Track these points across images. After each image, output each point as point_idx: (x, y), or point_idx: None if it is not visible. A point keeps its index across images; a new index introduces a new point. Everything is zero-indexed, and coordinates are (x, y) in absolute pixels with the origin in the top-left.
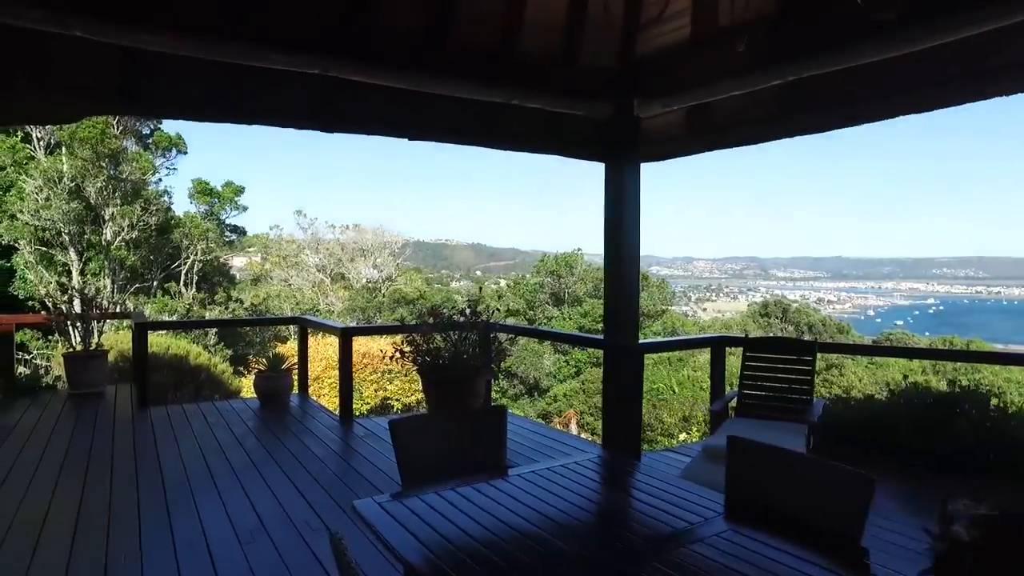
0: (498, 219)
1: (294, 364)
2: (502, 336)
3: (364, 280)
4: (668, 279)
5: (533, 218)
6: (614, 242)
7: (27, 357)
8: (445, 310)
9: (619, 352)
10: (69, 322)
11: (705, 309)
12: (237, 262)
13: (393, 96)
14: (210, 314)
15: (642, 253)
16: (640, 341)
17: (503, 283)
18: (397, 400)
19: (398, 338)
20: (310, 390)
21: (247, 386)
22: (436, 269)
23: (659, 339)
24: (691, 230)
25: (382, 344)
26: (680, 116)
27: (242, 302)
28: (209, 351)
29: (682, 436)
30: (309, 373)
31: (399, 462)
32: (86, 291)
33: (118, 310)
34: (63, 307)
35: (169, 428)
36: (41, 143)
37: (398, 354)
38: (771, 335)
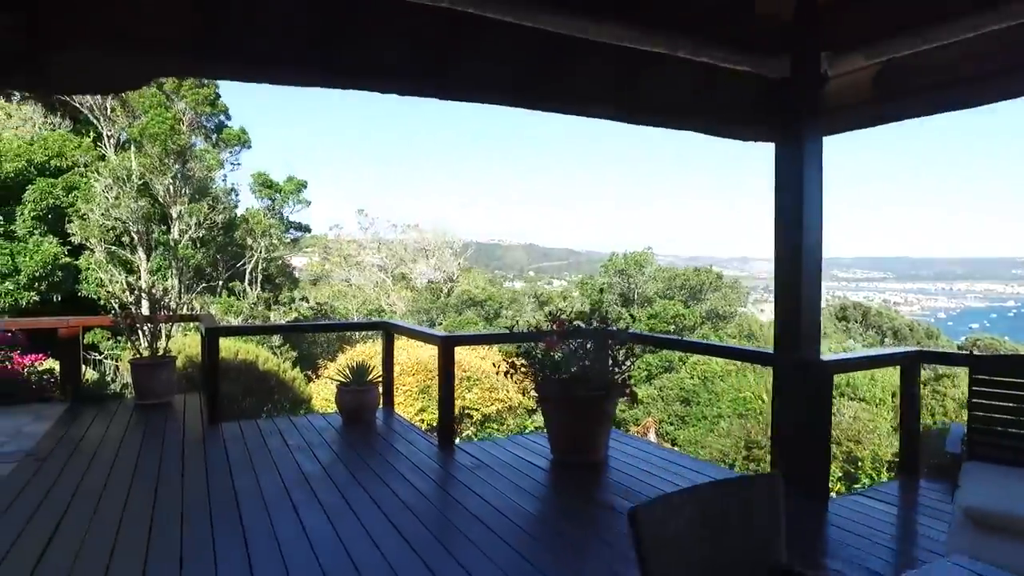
0: (552, 218)
1: (379, 376)
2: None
3: (425, 280)
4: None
5: (588, 216)
6: (788, 237)
7: (97, 357)
8: (564, 315)
9: (798, 369)
10: (136, 324)
11: (763, 311)
12: (296, 262)
13: (518, 47)
14: (275, 315)
15: (696, 253)
16: (827, 357)
17: (557, 283)
18: (476, 410)
19: (487, 349)
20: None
21: (317, 393)
22: (489, 269)
23: (848, 355)
24: (748, 228)
25: (464, 352)
26: (863, 76)
27: (307, 300)
28: (274, 352)
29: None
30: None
31: (646, 571)
32: (154, 291)
33: (185, 311)
34: (131, 308)
35: (243, 449)
36: (111, 141)
37: (510, 368)
38: (994, 353)
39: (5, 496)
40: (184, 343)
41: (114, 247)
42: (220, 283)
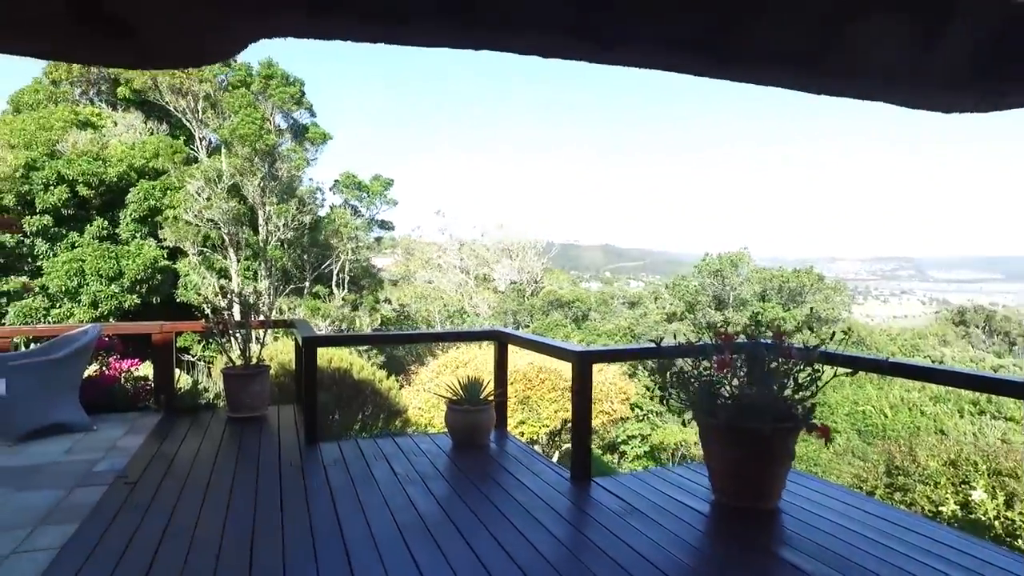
0: (627, 218)
1: (493, 394)
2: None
3: (507, 281)
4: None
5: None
6: None
7: (190, 359)
8: (727, 328)
9: None
10: (229, 331)
11: (869, 317)
12: (378, 262)
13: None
14: (361, 319)
15: (776, 254)
16: None
17: (635, 284)
18: None
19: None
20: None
21: (409, 400)
22: (565, 270)
23: None
24: (834, 225)
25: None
26: None
27: (390, 302)
28: (359, 355)
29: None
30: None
31: None
32: (246, 295)
33: (274, 315)
34: (223, 313)
35: (347, 477)
36: (203, 143)
37: (665, 392)
38: None
39: (96, 528)
40: (276, 349)
41: (206, 250)
42: (306, 285)
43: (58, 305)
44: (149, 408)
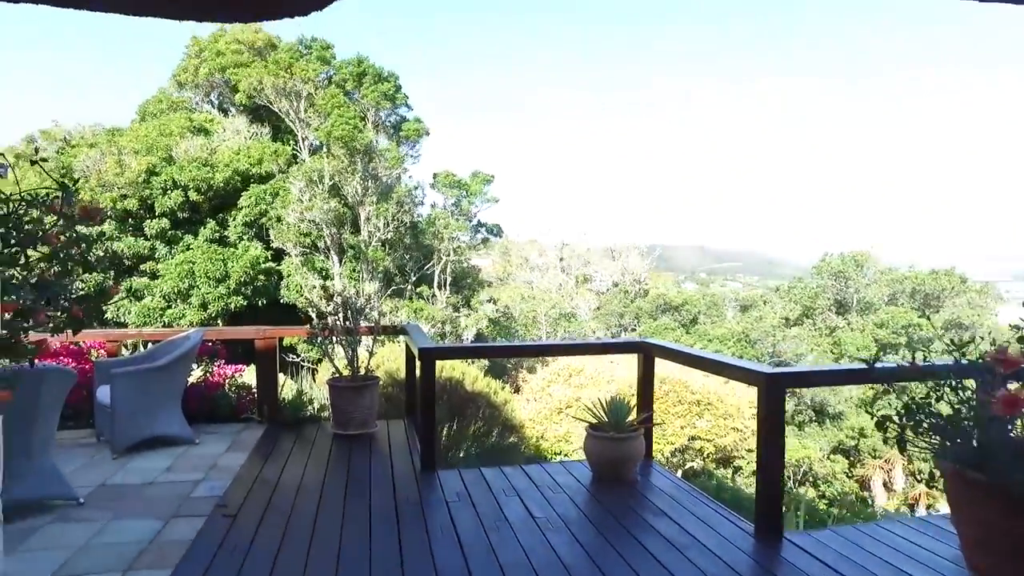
0: (722, 218)
1: (640, 419)
2: None
3: (609, 283)
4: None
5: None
6: None
7: (295, 360)
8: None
9: None
10: (334, 336)
11: (996, 318)
12: (477, 262)
13: None
14: (465, 322)
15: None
16: None
17: (732, 285)
18: (708, 441)
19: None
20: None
21: (520, 411)
22: (658, 271)
23: None
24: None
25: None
26: None
27: (494, 302)
28: (467, 363)
29: None
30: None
31: None
32: (354, 299)
33: (383, 320)
34: (329, 318)
35: (474, 518)
36: (305, 144)
37: (905, 434)
38: None
39: (192, 574)
40: (381, 355)
41: (308, 251)
42: (408, 286)
43: (172, 306)
44: (252, 419)
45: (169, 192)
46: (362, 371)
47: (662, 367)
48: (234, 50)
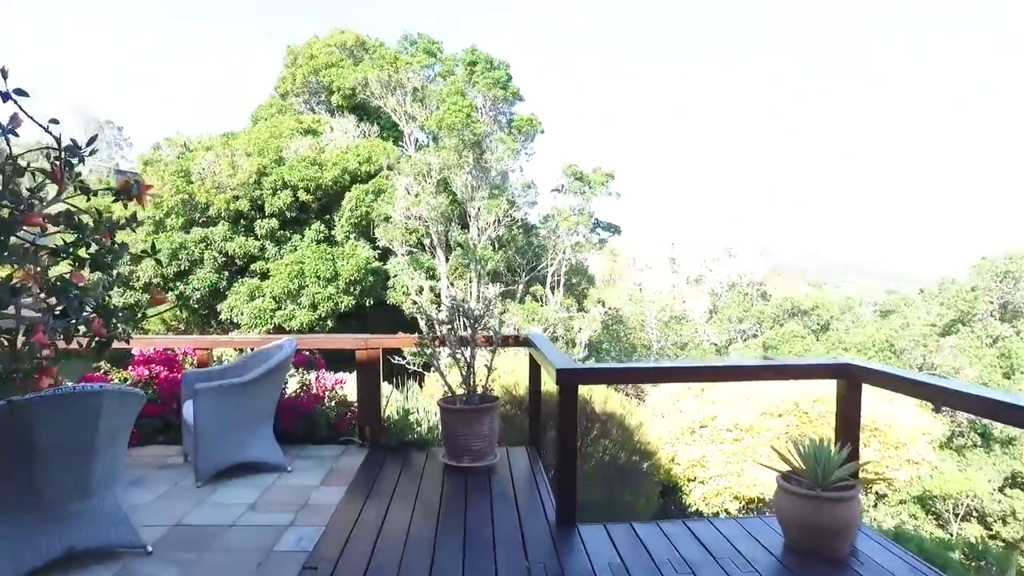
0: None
1: (853, 470)
2: None
3: (723, 284)
4: None
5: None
6: None
7: (399, 361)
8: None
9: None
10: (446, 347)
11: None
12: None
13: None
14: (579, 322)
15: None
16: None
17: (845, 286)
18: (877, 475)
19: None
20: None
21: (650, 429)
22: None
23: None
24: None
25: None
26: None
27: (603, 304)
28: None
29: None
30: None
31: None
32: (468, 304)
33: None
34: (439, 326)
35: None
36: (411, 138)
37: None
38: None
39: None
40: (497, 366)
41: (414, 249)
42: (518, 288)
43: (283, 307)
44: (352, 441)
45: (278, 192)
46: (479, 389)
47: (814, 387)
48: (327, 53)
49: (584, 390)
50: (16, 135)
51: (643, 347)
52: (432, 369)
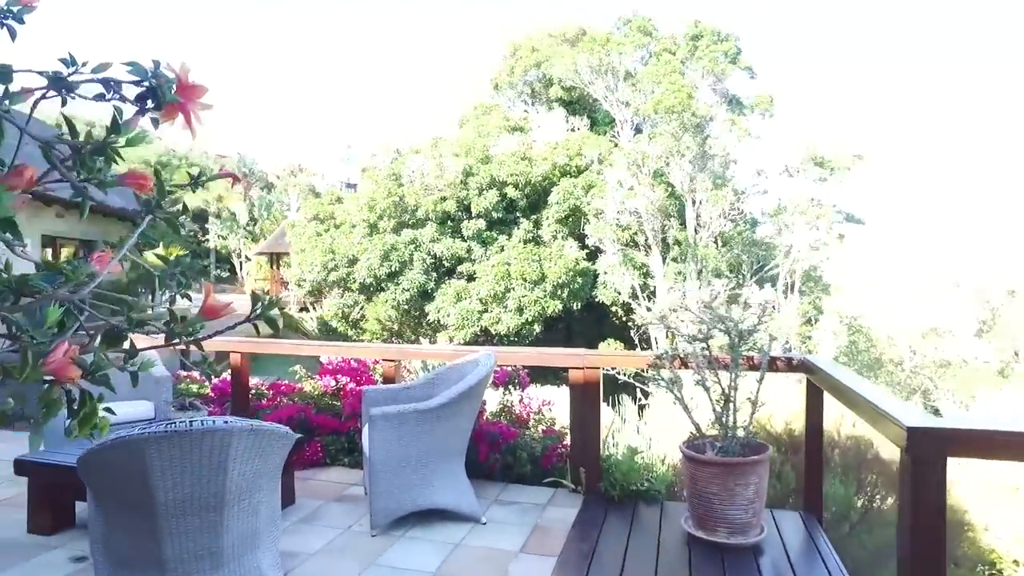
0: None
1: None
2: None
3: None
4: None
5: None
6: None
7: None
8: None
9: None
10: (692, 370)
11: None
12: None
13: None
14: (818, 333)
15: None
16: None
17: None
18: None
19: None
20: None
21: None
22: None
23: None
24: None
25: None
26: None
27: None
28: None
29: None
30: None
31: None
32: (738, 313)
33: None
34: (686, 347)
35: None
36: (625, 126)
37: None
38: None
39: None
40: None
41: (626, 247)
42: (746, 291)
43: (488, 309)
44: (562, 484)
45: (485, 192)
46: (740, 432)
47: None
48: (548, 44)
49: (846, 424)
50: None
51: (891, 363)
52: (676, 402)
